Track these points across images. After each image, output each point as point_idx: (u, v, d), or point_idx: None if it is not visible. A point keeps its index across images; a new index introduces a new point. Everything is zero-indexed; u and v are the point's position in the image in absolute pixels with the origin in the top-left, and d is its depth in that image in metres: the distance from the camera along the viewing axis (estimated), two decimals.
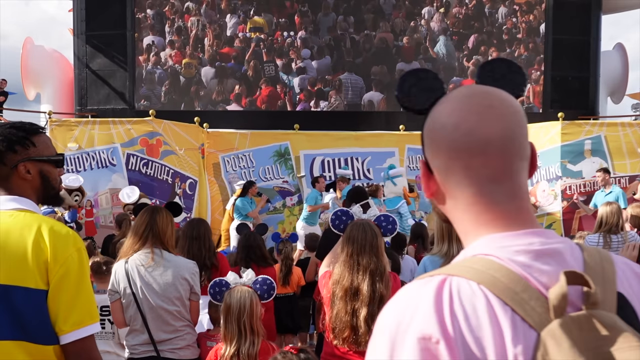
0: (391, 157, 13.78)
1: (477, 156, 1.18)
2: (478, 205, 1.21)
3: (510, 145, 1.18)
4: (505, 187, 1.20)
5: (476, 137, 1.17)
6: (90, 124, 13.14)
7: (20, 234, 2.31)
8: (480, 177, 1.19)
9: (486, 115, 1.17)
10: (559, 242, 1.18)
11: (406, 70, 1.34)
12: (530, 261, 1.14)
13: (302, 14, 16.46)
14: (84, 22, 16.16)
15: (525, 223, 1.19)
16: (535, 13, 16.46)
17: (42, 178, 2.50)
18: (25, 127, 2.51)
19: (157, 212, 4.36)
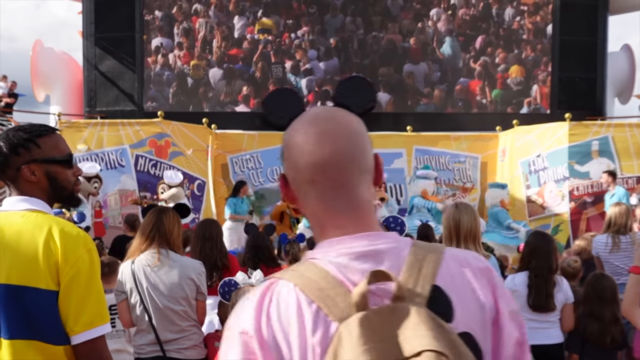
0: (399, 158, 13.82)
1: (318, 173, 1.35)
2: (322, 213, 1.38)
3: (346, 163, 1.35)
4: (344, 198, 1.36)
5: (316, 157, 1.34)
6: (99, 126, 13.23)
7: (32, 235, 2.34)
8: (322, 190, 1.36)
9: (324, 138, 1.35)
10: (384, 244, 1.32)
11: (273, 89, 1.50)
12: (348, 262, 1.30)
13: (310, 15, 16.50)
14: (93, 24, 16.25)
15: (360, 228, 1.35)
16: (541, 14, 16.45)
17: (49, 179, 2.49)
18: (31, 129, 2.51)
19: (164, 212, 4.37)
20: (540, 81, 16.40)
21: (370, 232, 1.35)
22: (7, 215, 2.42)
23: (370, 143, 1.41)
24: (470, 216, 4.60)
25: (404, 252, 1.33)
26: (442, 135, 14.32)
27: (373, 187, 1.42)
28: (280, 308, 1.28)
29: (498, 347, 1.33)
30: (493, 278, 1.37)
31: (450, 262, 1.35)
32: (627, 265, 6.25)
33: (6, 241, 2.34)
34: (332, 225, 1.37)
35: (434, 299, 1.27)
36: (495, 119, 15.13)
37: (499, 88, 16.43)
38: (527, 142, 13.58)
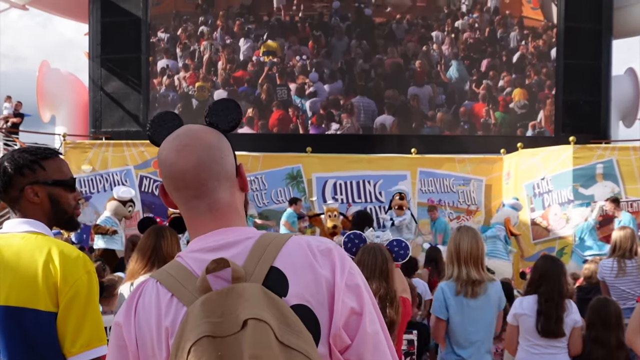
0: (403, 180, 13.79)
1: (179, 182, 1.58)
2: (188, 218, 1.62)
3: (201, 172, 1.57)
4: (204, 202, 1.58)
5: (176, 168, 1.57)
6: (104, 147, 13.27)
7: (31, 257, 2.35)
8: (185, 196, 1.59)
9: (182, 152, 1.57)
10: (234, 237, 1.55)
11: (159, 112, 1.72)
12: (202, 255, 1.52)
13: (315, 38, 16.59)
14: (100, 45, 16.36)
15: (217, 227, 1.58)
16: (545, 38, 16.53)
17: (51, 202, 2.51)
18: (36, 151, 2.54)
19: (162, 234, 4.30)
20: (544, 104, 16.43)
21: (224, 229, 1.57)
22: (7, 237, 2.43)
23: (231, 155, 1.64)
24: (471, 239, 4.59)
25: (251, 241, 1.54)
26: (446, 157, 14.31)
27: (239, 192, 1.65)
28: (145, 300, 1.54)
29: (332, 315, 1.49)
30: (334, 257, 1.55)
31: (291, 245, 1.54)
32: (632, 290, 6.22)
33: (5, 263, 2.35)
34: (195, 226, 1.61)
35: (270, 278, 1.47)
36: (499, 142, 15.14)
37: (503, 111, 16.45)
38: (531, 165, 13.56)
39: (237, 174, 1.65)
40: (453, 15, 16.68)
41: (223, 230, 1.58)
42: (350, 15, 16.65)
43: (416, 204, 13.73)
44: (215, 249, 1.53)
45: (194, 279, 1.49)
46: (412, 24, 16.65)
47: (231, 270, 1.44)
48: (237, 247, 1.54)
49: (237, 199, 1.65)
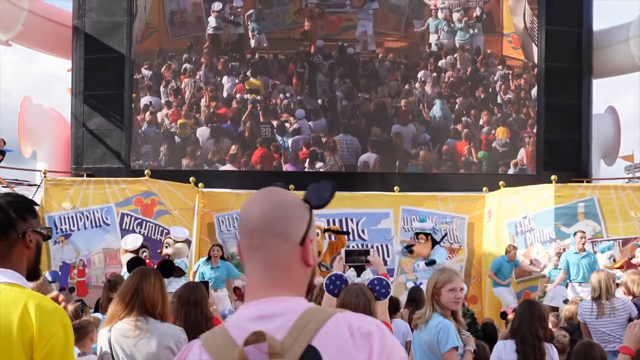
0: (386, 218, 13.79)
1: (244, 228, 1.71)
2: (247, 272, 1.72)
3: (265, 223, 1.68)
4: (260, 256, 1.67)
5: (245, 214, 1.71)
6: (85, 184, 13.19)
7: (6, 310, 2.29)
8: (246, 245, 1.70)
9: (257, 203, 1.71)
10: (279, 309, 1.61)
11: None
12: (245, 323, 1.60)
13: (299, 75, 16.68)
14: (82, 82, 16.34)
15: (265, 291, 1.66)
16: (526, 77, 16.72)
17: (37, 249, 2.52)
18: (29, 199, 2.58)
19: (146, 277, 4.22)
20: (526, 143, 16.55)
21: (272, 297, 1.64)
22: None
23: (302, 224, 1.73)
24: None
25: (293, 317, 1.59)
26: (429, 195, 14.34)
27: (299, 262, 1.70)
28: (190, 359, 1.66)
29: None
30: (373, 341, 1.58)
31: (331, 325, 1.59)
32: (613, 332, 6.22)
33: None
34: (250, 284, 1.71)
35: (306, 356, 1.53)
36: (481, 180, 15.21)
37: (485, 149, 16.56)
38: (513, 203, 13.62)
39: (301, 243, 1.72)
40: (435, 55, 16.85)
41: (270, 299, 1.64)
42: (334, 53, 16.77)
43: (399, 241, 13.70)
44: (260, 317, 1.61)
45: (233, 346, 1.58)
46: (395, 62, 16.79)
47: (268, 346, 1.52)
48: (280, 319, 1.60)
49: (294, 266, 1.71)
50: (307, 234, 1.73)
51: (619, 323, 6.25)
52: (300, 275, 1.71)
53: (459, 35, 16.85)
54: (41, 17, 17.53)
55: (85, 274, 12.13)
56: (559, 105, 16.42)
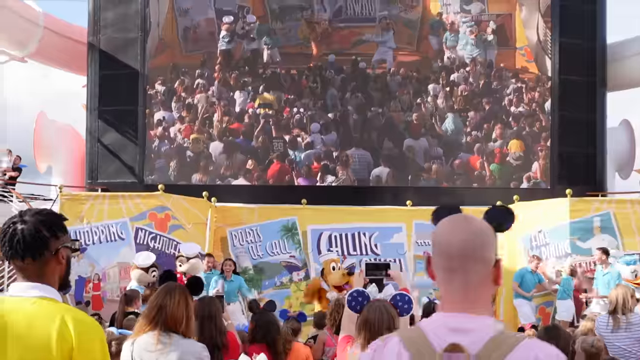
0: (398, 233, 13.77)
1: (444, 253, 1.92)
2: (442, 289, 1.94)
3: (466, 250, 1.89)
4: (458, 278, 1.89)
5: (446, 240, 1.93)
6: (100, 198, 13.27)
7: (45, 323, 2.33)
8: (444, 267, 1.92)
9: (456, 229, 1.93)
10: (474, 325, 1.84)
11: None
12: (443, 332, 1.84)
13: (311, 90, 16.73)
14: (97, 97, 16.47)
15: (462, 307, 1.88)
16: (540, 90, 16.67)
17: (67, 264, 2.56)
18: (59, 215, 2.61)
19: (171, 294, 4.26)
20: (539, 156, 16.48)
21: (469, 314, 1.87)
22: (16, 301, 2.41)
23: (494, 249, 1.95)
24: None
25: (488, 334, 1.82)
26: None
27: (491, 283, 1.93)
28: (388, 349, 1.92)
29: None
30: None
31: (519, 352, 1.79)
32: (629, 347, 6.16)
33: (17, 331, 2.32)
34: (445, 299, 1.93)
35: None
36: (495, 194, 15.11)
37: (498, 163, 16.50)
38: (528, 217, 13.52)
39: (494, 266, 1.94)
40: (448, 69, 16.86)
41: (466, 316, 1.87)
42: (346, 67, 16.82)
43: (412, 256, 13.66)
44: (455, 330, 1.84)
45: (431, 350, 1.84)
46: (407, 76, 16.81)
47: (463, 357, 1.78)
48: (474, 335, 1.83)
49: (487, 286, 1.93)
50: (496, 256, 1.96)
51: (635, 338, 6.20)
52: (490, 293, 1.95)
53: (472, 49, 16.84)
54: (56, 34, 17.72)
55: (100, 288, 12.20)
56: (573, 119, 16.34)
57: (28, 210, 2.58)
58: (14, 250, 2.45)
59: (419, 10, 16.96)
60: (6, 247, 2.47)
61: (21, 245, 2.44)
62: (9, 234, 2.46)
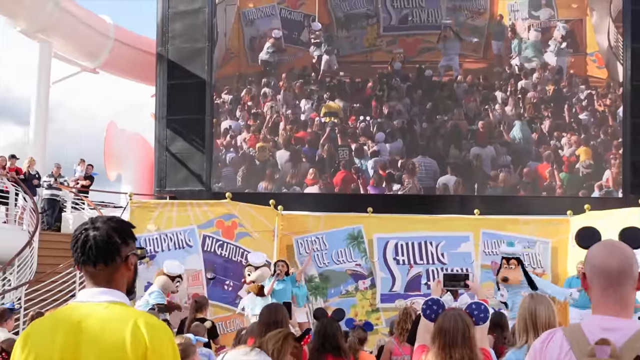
0: (466, 242, 13.55)
1: (604, 272, 2.46)
2: (598, 300, 2.48)
3: (622, 271, 2.44)
4: (615, 293, 2.44)
5: (605, 263, 2.47)
6: (168, 206, 13.46)
7: (118, 327, 2.37)
8: (603, 284, 2.46)
9: (613, 253, 2.48)
10: (620, 325, 2.39)
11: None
12: (597, 331, 2.39)
13: (378, 98, 16.72)
14: (165, 107, 16.81)
15: (616, 313, 2.43)
16: (611, 97, 16.28)
17: (135, 270, 2.61)
18: (127, 222, 2.64)
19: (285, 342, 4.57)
20: (610, 164, 16.08)
21: (621, 318, 2.42)
22: (88, 306, 2.46)
23: (637, 262, 2.48)
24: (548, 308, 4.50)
25: (632, 331, 2.36)
26: (510, 219, 14.01)
27: (634, 290, 2.47)
28: (554, 341, 2.48)
29: None
30: None
31: None
32: None
33: (92, 334, 2.37)
34: (601, 309, 2.46)
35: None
36: (564, 203, 14.80)
37: (567, 171, 16.16)
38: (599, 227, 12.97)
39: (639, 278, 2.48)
40: (515, 76, 16.62)
41: (615, 318, 2.41)
42: (411, 75, 16.75)
43: (479, 266, 13.46)
44: (606, 329, 2.38)
45: (585, 343, 2.38)
46: (474, 84, 16.64)
47: (611, 349, 2.31)
48: (620, 333, 2.36)
49: (632, 295, 2.49)
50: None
51: None
52: (633, 301, 2.50)
53: (541, 55, 16.57)
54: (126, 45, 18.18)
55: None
56: None
57: (99, 217, 2.62)
58: (86, 256, 2.49)
59: (485, 17, 16.79)
60: (78, 252, 2.50)
61: (93, 252, 2.48)
62: (82, 240, 2.50)
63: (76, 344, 2.35)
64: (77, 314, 2.43)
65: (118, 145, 18.52)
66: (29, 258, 13.84)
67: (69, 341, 2.36)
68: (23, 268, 13.65)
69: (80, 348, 2.35)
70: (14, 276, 13.36)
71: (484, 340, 3.99)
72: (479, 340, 3.91)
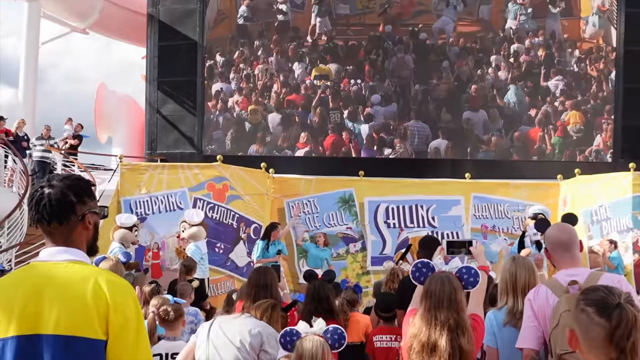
0: (457, 206, 13.62)
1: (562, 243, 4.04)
2: (559, 261, 4.04)
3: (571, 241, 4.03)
4: (569, 254, 4.01)
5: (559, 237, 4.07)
6: (159, 169, 13.42)
7: (79, 285, 2.36)
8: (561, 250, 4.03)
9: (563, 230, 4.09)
10: (579, 272, 3.88)
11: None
12: (566, 278, 3.82)
13: (371, 62, 16.61)
14: (156, 68, 16.66)
15: (572, 266, 3.95)
16: (604, 61, 16.23)
17: (95, 229, 2.59)
18: (87, 181, 2.62)
19: None
20: (602, 129, 16.09)
21: (577, 268, 3.94)
22: (48, 265, 2.45)
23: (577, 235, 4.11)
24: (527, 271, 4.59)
25: (587, 274, 3.82)
26: (501, 183, 14.07)
27: (579, 251, 4.00)
28: (540, 293, 3.86)
29: None
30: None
31: (605, 277, 3.77)
32: None
33: (53, 292, 2.36)
34: (564, 266, 3.94)
35: None
36: (555, 167, 14.85)
37: (559, 135, 16.17)
38: (589, 191, 13.25)
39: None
40: (509, 40, 16.52)
41: (574, 269, 3.88)
42: (405, 38, 16.63)
43: (470, 229, 13.53)
44: (571, 275, 3.78)
45: (561, 287, 3.73)
46: (467, 48, 16.55)
47: (579, 286, 3.53)
48: (581, 276, 3.76)
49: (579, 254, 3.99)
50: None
51: None
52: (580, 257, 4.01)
53: (535, 19, 16.48)
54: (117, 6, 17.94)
55: (159, 257, 12.36)
56: (637, 90, 15.87)
57: (56, 175, 2.62)
58: (40, 214, 2.48)
59: None
60: (33, 210, 2.50)
61: (47, 210, 2.46)
62: (36, 198, 2.49)
63: (38, 301, 2.34)
64: (37, 272, 2.43)
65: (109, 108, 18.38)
66: (19, 220, 13.83)
67: (31, 298, 2.35)
68: (13, 230, 13.64)
69: (43, 303, 2.33)
70: (4, 238, 13.36)
71: (478, 306, 3.99)
72: (474, 305, 3.91)
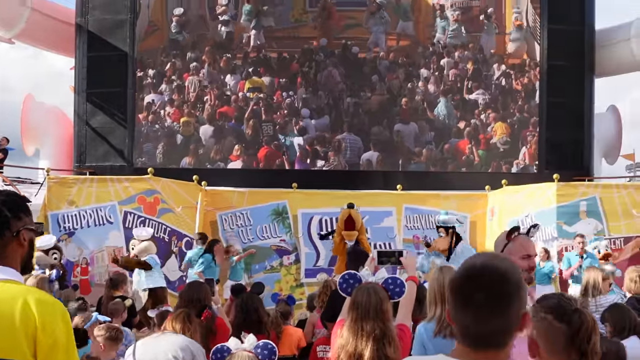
0: (389, 217, 13.79)
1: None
2: None
3: None
4: None
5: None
6: (88, 182, 13.15)
7: (8, 305, 2.31)
8: None
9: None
10: None
11: None
12: None
13: (303, 74, 16.69)
14: (85, 80, 16.35)
15: None
16: (529, 76, 16.73)
17: (30, 246, 2.52)
18: (22, 197, 2.59)
19: None
20: (528, 142, 16.57)
21: None
22: None
23: None
24: None
25: None
26: (431, 194, 14.33)
27: None
28: None
29: None
30: None
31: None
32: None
33: None
34: None
35: None
36: (483, 179, 15.20)
37: (485, 148, 16.60)
38: (515, 201, 13.62)
39: None
40: (438, 54, 16.87)
41: None
42: (337, 52, 16.78)
43: (402, 240, 13.72)
44: None
45: None
46: (397, 62, 16.81)
47: None
48: None
49: None
50: None
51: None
52: None
53: (462, 34, 16.87)
54: (44, 15, 17.50)
55: (88, 272, 12.13)
56: (561, 104, 16.43)
57: None
58: None
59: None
60: None
61: None
62: None
63: None
64: None
65: (36, 119, 17.85)
66: None
67: None
68: None
69: None
70: None
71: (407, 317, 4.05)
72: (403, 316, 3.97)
